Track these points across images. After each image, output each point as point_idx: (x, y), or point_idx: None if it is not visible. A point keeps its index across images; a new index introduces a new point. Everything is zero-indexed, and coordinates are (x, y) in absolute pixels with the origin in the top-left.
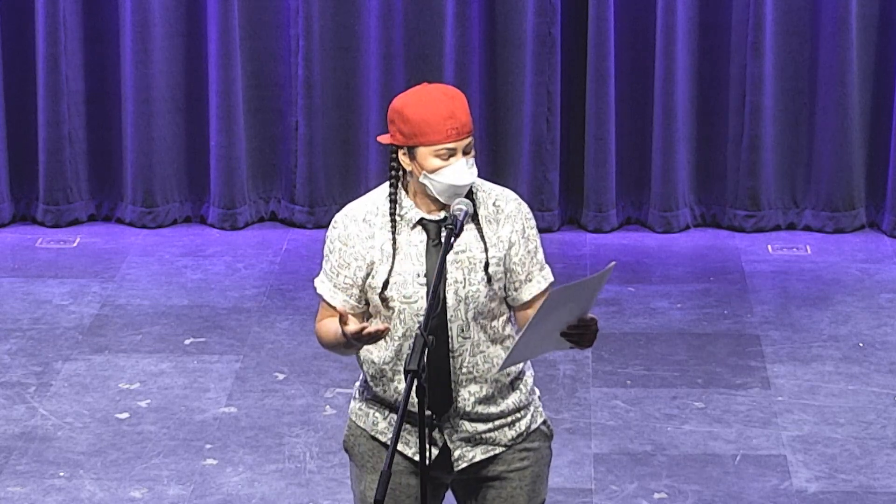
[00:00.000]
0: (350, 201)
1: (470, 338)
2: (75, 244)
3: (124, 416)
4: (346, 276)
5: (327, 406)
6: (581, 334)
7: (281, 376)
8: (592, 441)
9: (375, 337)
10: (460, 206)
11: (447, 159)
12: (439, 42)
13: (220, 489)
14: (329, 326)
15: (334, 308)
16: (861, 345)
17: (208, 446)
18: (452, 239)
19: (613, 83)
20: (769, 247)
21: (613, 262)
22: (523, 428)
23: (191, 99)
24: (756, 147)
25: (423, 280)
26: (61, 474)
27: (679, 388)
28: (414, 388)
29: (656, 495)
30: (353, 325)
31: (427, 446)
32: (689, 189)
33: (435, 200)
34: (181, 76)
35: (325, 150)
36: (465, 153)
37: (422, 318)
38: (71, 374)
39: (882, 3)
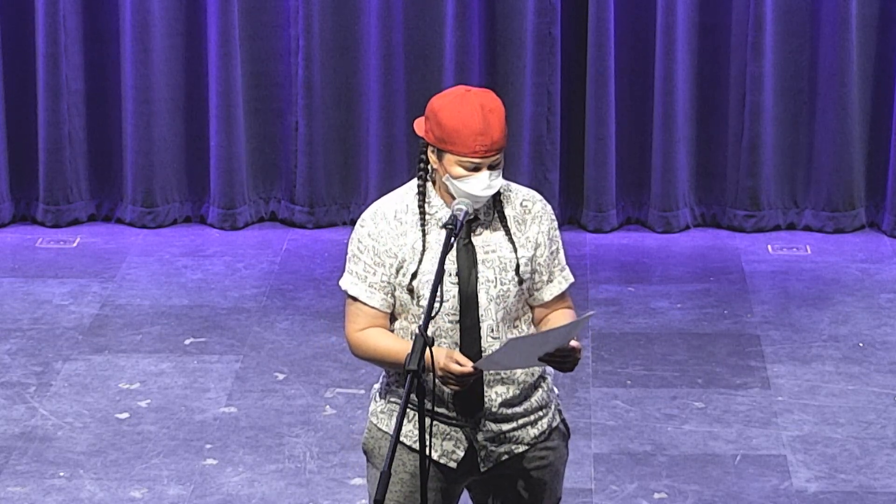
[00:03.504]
0: (350, 201)
1: (499, 338)
2: (75, 244)
3: (124, 416)
4: (382, 274)
5: (327, 406)
6: (559, 362)
7: (281, 376)
8: (592, 441)
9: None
10: (460, 205)
11: (471, 171)
12: (439, 42)
13: (220, 489)
14: (381, 341)
15: (374, 308)
16: (861, 345)
17: (208, 446)
18: (453, 238)
19: (613, 83)
20: (769, 247)
21: (592, 312)
22: (545, 426)
23: (191, 99)
24: (756, 147)
25: (455, 279)
26: (61, 474)
27: (679, 388)
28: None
29: (656, 495)
30: (461, 367)
31: (428, 444)
32: (689, 189)
33: None
34: (181, 76)
35: (325, 150)
36: (490, 168)
37: (452, 318)
38: (71, 374)
39: (882, 3)
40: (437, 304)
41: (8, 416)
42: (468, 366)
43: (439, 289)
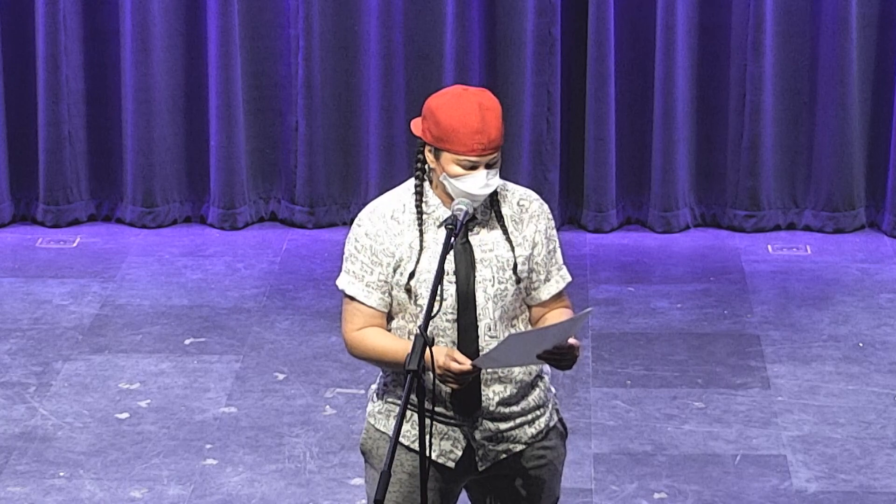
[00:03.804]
0: (350, 201)
1: (496, 337)
2: (75, 244)
3: (124, 416)
4: (380, 273)
5: (327, 406)
6: (558, 360)
7: (281, 376)
8: (592, 441)
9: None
10: (460, 206)
11: (468, 169)
12: (439, 42)
13: (220, 489)
14: (379, 340)
15: (371, 307)
16: (861, 345)
17: (208, 446)
18: (453, 238)
19: (613, 83)
20: (769, 247)
21: (591, 308)
22: (542, 425)
23: (191, 99)
24: (756, 147)
25: (453, 278)
26: (61, 474)
27: (679, 388)
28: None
29: (656, 495)
30: (461, 365)
31: (429, 445)
32: (689, 189)
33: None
34: (181, 76)
35: (325, 150)
36: (487, 166)
37: (449, 316)
38: (71, 374)
39: (882, 3)
40: (437, 304)
41: (8, 416)
42: (467, 364)
43: (443, 288)
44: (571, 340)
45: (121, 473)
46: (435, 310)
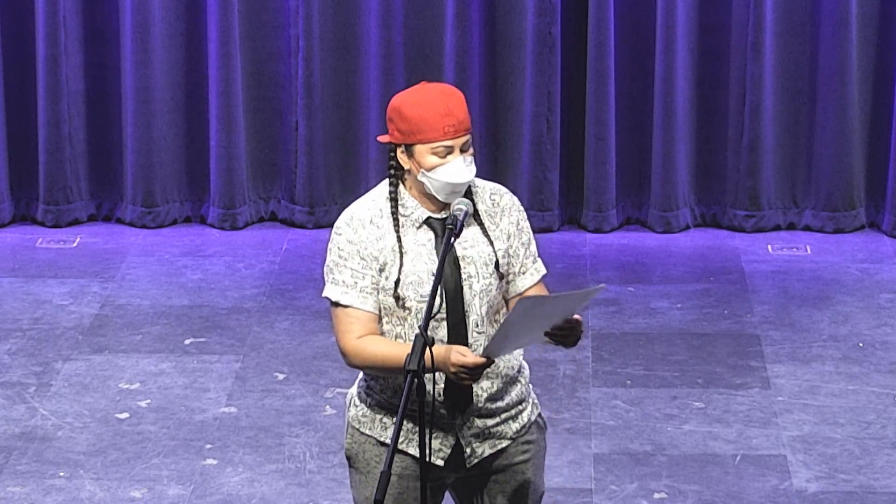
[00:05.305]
0: (350, 201)
1: (484, 332)
2: (75, 244)
3: (124, 416)
4: (371, 277)
5: (327, 406)
6: (565, 335)
7: (281, 376)
8: (592, 441)
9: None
10: (460, 206)
11: (444, 157)
12: (439, 42)
13: (220, 489)
14: (380, 347)
15: (369, 312)
16: (861, 345)
17: (208, 446)
18: (453, 239)
19: (613, 83)
20: (769, 247)
21: (603, 285)
22: (525, 420)
23: (191, 99)
24: (756, 147)
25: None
26: (61, 474)
27: (679, 388)
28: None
29: (656, 495)
30: (471, 357)
31: (428, 445)
32: (689, 189)
33: (436, 199)
34: (181, 76)
35: (325, 150)
36: (462, 151)
37: (438, 315)
38: (71, 374)
39: (882, 3)
40: (436, 304)
41: (8, 416)
42: (479, 357)
43: (429, 289)
44: (576, 316)
45: (121, 473)
46: (435, 309)
